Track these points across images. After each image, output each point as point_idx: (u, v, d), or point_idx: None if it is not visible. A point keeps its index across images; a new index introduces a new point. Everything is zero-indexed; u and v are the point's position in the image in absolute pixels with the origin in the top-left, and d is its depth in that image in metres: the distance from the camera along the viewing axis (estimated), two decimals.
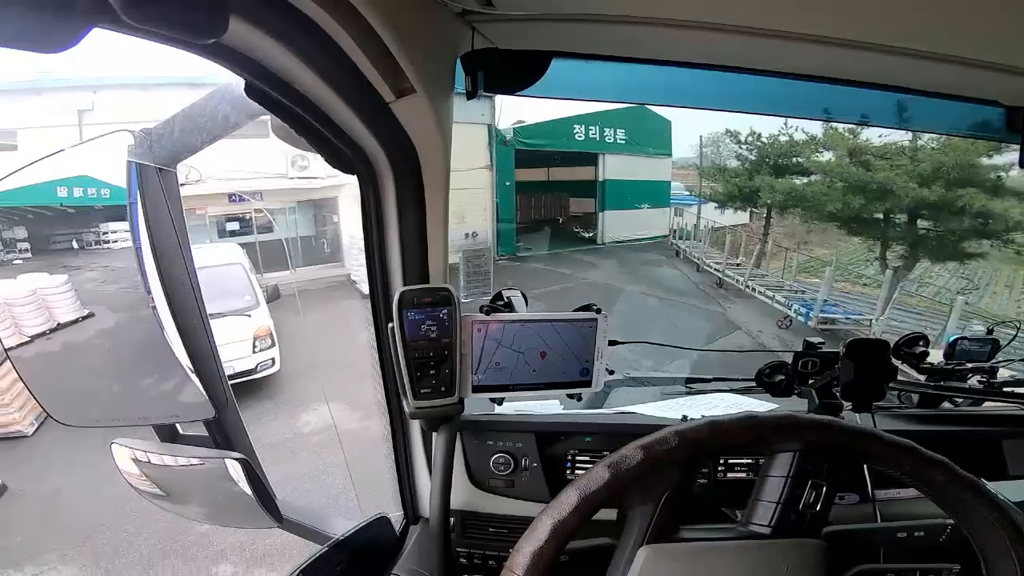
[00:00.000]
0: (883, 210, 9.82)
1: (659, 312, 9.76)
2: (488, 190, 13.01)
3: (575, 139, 14.93)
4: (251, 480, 0.84)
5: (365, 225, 0.87)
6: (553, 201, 17.48)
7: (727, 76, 0.90)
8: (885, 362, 1.06)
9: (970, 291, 10.38)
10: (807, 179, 10.95)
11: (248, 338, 5.61)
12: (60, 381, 0.88)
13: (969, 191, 8.71)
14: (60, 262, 7.15)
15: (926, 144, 9.38)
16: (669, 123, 16.45)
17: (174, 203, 0.76)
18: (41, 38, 0.33)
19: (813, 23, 0.71)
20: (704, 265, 12.97)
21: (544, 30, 0.78)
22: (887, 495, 1.04)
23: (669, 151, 17.08)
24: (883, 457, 0.60)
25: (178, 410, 0.85)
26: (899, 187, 9.11)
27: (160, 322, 0.76)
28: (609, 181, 15.88)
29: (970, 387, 1.25)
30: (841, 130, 10.38)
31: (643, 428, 0.88)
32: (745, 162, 12.94)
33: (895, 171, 9.28)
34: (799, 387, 1.12)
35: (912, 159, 9.39)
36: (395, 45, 0.60)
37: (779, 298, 9.95)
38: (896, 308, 9.13)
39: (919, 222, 9.75)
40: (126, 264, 1.25)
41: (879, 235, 10.41)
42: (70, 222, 8.16)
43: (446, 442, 0.93)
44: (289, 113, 0.66)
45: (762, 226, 13.13)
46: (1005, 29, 0.68)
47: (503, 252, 13.35)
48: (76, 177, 1.06)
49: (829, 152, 10.87)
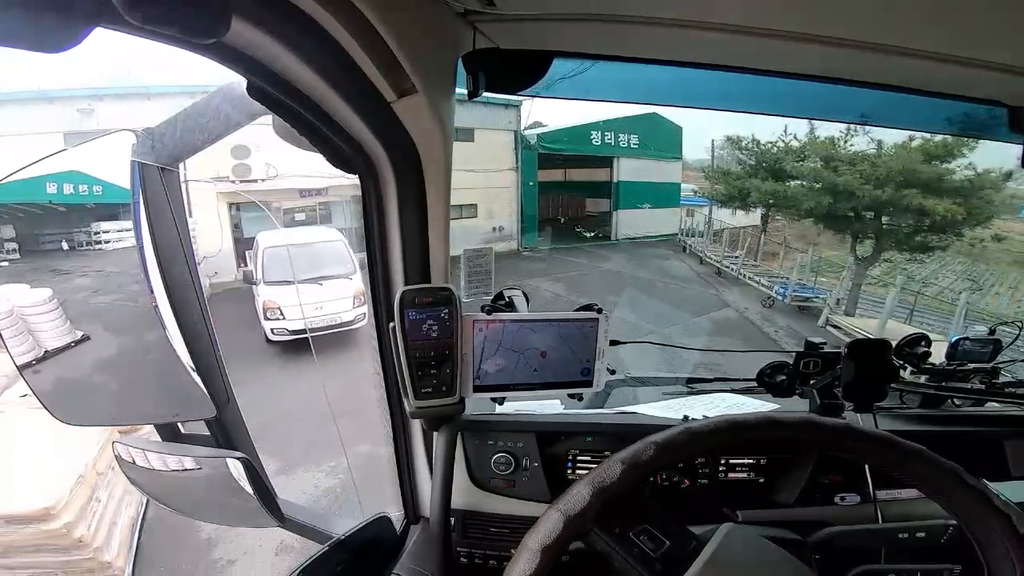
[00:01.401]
0: (848, 209, 11.43)
1: (663, 293, 11.28)
2: (514, 189, 14.81)
3: (592, 144, 16.41)
4: (252, 479, 0.84)
5: (366, 225, 0.87)
6: (571, 200, 18.95)
7: (727, 76, 0.90)
8: (887, 362, 1.05)
9: (973, 291, 11.51)
10: (790, 183, 12.67)
11: (350, 296, 6.99)
12: (62, 380, 0.88)
13: (911, 192, 10.44)
14: (49, 264, 6.66)
15: (888, 151, 11.24)
16: (680, 128, 17.94)
17: (176, 202, 0.76)
18: (43, 38, 0.33)
19: (813, 23, 0.71)
20: (706, 258, 14.59)
21: (545, 30, 0.78)
22: (888, 495, 1.04)
23: (680, 155, 18.56)
24: (862, 451, 0.60)
25: (179, 409, 0.85)
26: (857, 189, 10.99)
27: (162, 321, 0.76)
28: (623, 182, 17.28)
29: (972, 388, 1.25)
30: (822, 138, 12.16)
31: (644, 428, 0.88)
32: (744, 166, 14.22)
33: (854, 175, 11.11)
34: (800, 387, 1.12)
35: (872, 164, 11.15)
36: (396, 45, 0.60)
37: (764, 282, 12.20)
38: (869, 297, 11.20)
39: (881, 218, 11.46)
40: (121, 268, 1.25)
41: (848, 230, 12.11)
42: (61, 221, 7.69)
43: (447, 442, 0.93)
44: (291, 112, 0.66)
45: (774, 226, 14.51)
46: (1007, 29, 0.67)
47: (527, 244, 15.10)
48: (66, 173, 1.04)
49: (812, 159, 12.53)
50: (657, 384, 1.45)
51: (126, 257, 0.83)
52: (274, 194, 10.11)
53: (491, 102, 13.09)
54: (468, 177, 13.38)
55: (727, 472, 1.08)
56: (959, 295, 10.57)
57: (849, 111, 1.19)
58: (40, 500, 3.01)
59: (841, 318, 10.19)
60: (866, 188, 10.88)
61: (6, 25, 0.32)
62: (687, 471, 1.07)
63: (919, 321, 10.17)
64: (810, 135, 12.41)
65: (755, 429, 0.60)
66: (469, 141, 13.65)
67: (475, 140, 13.75)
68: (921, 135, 10.35)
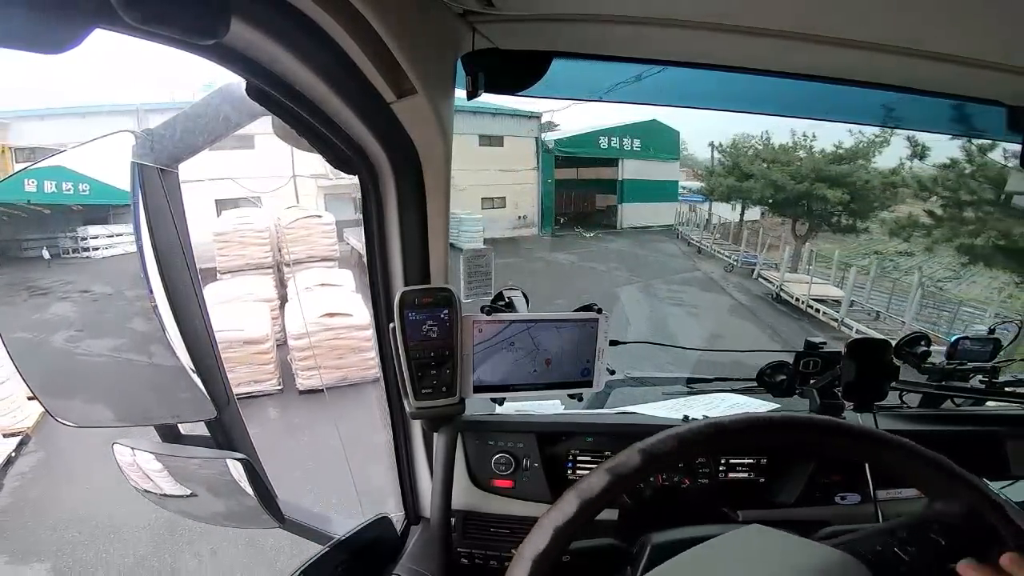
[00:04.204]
0: (783, 199, 15.10)
1: (654, 263, 15.25)
2: (535, 186, 18.37)
3: (600, 147, 19.70)
4: (252, 480, 0.84)
5: (366, 225, 0.87)
6: (582, 195, 22.02)
7: (727, 76, 0.90)
8: (887, 362, 1.06)
9: (951, 280, 13.53)
10: (747, 181, 16.16)
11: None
12: (62, 381, 0.88)
13: (819, 185, 14.13)
14: (28, 278, 6.58)
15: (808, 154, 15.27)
16: (677, 133, 21.30)
17: (175, 203, 0.76)
18: (42, 39, 0.33)
19: (813, 23, 0.71)
20: (692, 241, 18.42)
21: (545, 30, 0.78)
22: (888, 495, 1.04)
23: (677, 156, 21.73)
24: (842, 448, 0.60)
25: (180, 410, 0.85)
26: (786, 184, 14.75)
27: (161, 322, 0.76)
28: (627, 180, 20.16)
29: (972, 387, 1.25)
30: (776, 145, 16.11)
31: (644, 428, 0.88)
32: (724, 166, 17.69)
33: (785, 173, 14.86)
34: (800, 387, 1.12)
35: (798, 164, 14.95)
36: (396, 45, 0.60)
37: (725, 253, 16.12)
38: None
39: (806, 205, 14.93)
40: (114, 286, 1.00)
41: (788, 214, 15.84)
42: (43, 225, 6.74)
43: (447, 442, 0.93)
44: (290, 113, 0.66)
45: (773, 222, 17.25)
46: (1006, 28, 0.67)
47: (545, 229, 18.56)
48: (47, 168, 0.95)
49: (758, 162, 16.31)
50: (657, 384, 1.45)
51: (118, 267, 0.79)
52: (353, 186, 11.65)
53: (517, 114, 17.01)
54: (497, 176, 16.82)
55: (727, 472, 1.08)
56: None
57: (849, 111, 1.19)
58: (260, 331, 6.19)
59: (768, 272, 13.70)
60: (791, 183, 14.65)
61: (5, 26, 0.32)
62: (687, 471, 1.07)
63: (856, 288, 11.66)
64: (765, 141, 16.39)
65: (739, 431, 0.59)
66: (499, 146, 17.29)
67: (504, 146, 17.46)
68: (835, 141, 14.36)
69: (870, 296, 11.41)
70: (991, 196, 10.24)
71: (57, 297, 1.01)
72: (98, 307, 0.98)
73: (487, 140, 16.92)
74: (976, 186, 10.51)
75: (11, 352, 0.81)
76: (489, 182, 16.53)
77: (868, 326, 10.07)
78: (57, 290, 1.07)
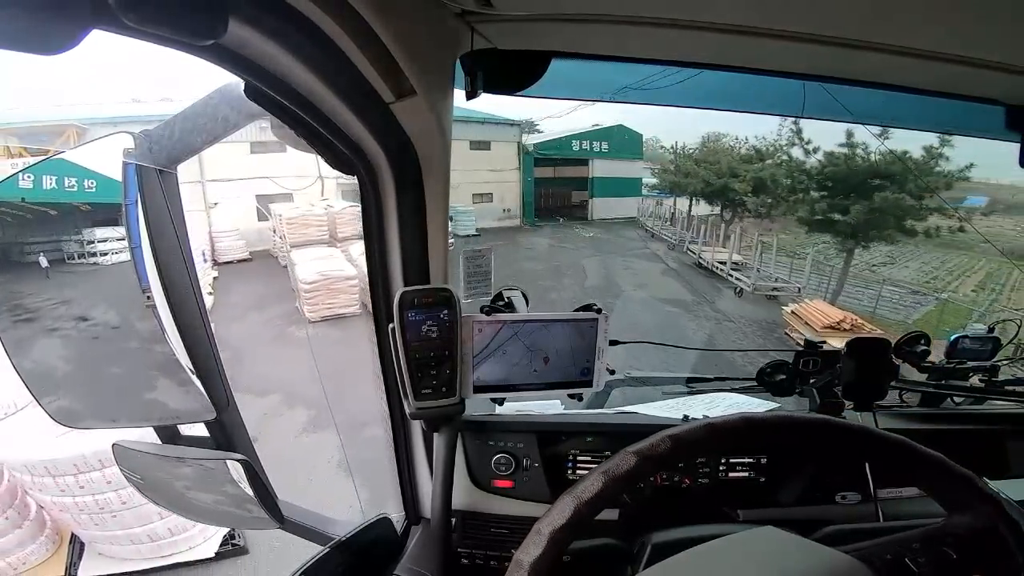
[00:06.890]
0: (710, 190, 18.47)
1: (616, 244, 18.89)
2: (518, 183, 22.03)
3: (573, 149, 23.92)
4: (252, 481, 0.84)
5: (365, 226, 0.87)
6: (559, 191, 25.59)
7: (727, 76, 0.90)
8: (886, 361, 1.06)
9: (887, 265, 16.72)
10: (686, 177, 20.09)
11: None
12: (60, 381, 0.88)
13: (732, 180, 17.17)
14: (19, 290, 5.17)
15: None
16: (640, 136, 25.63)
17: (174, 203, 0.76)
18: (40, 40, 0.33)
19: (813, 23, 0.71)
20: (647, 228, 22.42)
21: (543, 30, 0.78)
22: (889, 494, 1.04)
23: (640, 155, 26.02)
24: (834, 444, 0.60)
25: (179, 411, 0.85)
26: (710, 179, 18.18)
27: (160, 322, 0.76)
28: (597, 178, 24.28)
29: (971, 386, 1.25)
30: (713, 146, 20.45)
31: (644, 428, 0.88)
32: (675, 165, 22.00)
33: (708, 171, 18.48)
34: (800, 386, 1.12)
35: (716, 163, 18.65)
36: (394, 46, 0.60)
37: (667, 233, 20.35)
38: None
39: (727, 196, 17.98)
40: (118, 313, 0.80)
41: (716, 203, 19.13)
42: (49, 226, 6.58)
43: (447, 442, 0.93)
44: (289, 114, 0.66)
45: (730, 215, 19.32)
46: (1005, 28, 0.67)
47: (527, 221, 22.17)
48: (46, 162, 0.88)
49: (690, 161, 20.68)
50: (657, 384, 1.45)
51: (129, 280, 0.72)
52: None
53: (502, 121, 20.75)
54: (486, 175, 20.27)
55: (728, 471, 1.08)
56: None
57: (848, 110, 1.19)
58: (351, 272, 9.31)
59: (694, 247, 16.78)
60: (713, 179, 18.00)
61: (2, 27, 0.32)
62: (688, 471, 1.07)
63: (774, 263, 14.67)
64: (706, 143, 21.08)
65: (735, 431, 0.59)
66: (487, 149, 20.72)
67: (491, 149, 20.86)
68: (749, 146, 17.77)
69: (774, 265, 14.54)
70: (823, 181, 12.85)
71: (46, 324, 0.81)
72: (96, 345, 0.84)
73: (476, 144, 20.09)
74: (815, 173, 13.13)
75: (9, 351, 0.80)
76: (479, 180, 20.04)
77: (752, 280, 13.05)
78: (47, 314, 0.80)
